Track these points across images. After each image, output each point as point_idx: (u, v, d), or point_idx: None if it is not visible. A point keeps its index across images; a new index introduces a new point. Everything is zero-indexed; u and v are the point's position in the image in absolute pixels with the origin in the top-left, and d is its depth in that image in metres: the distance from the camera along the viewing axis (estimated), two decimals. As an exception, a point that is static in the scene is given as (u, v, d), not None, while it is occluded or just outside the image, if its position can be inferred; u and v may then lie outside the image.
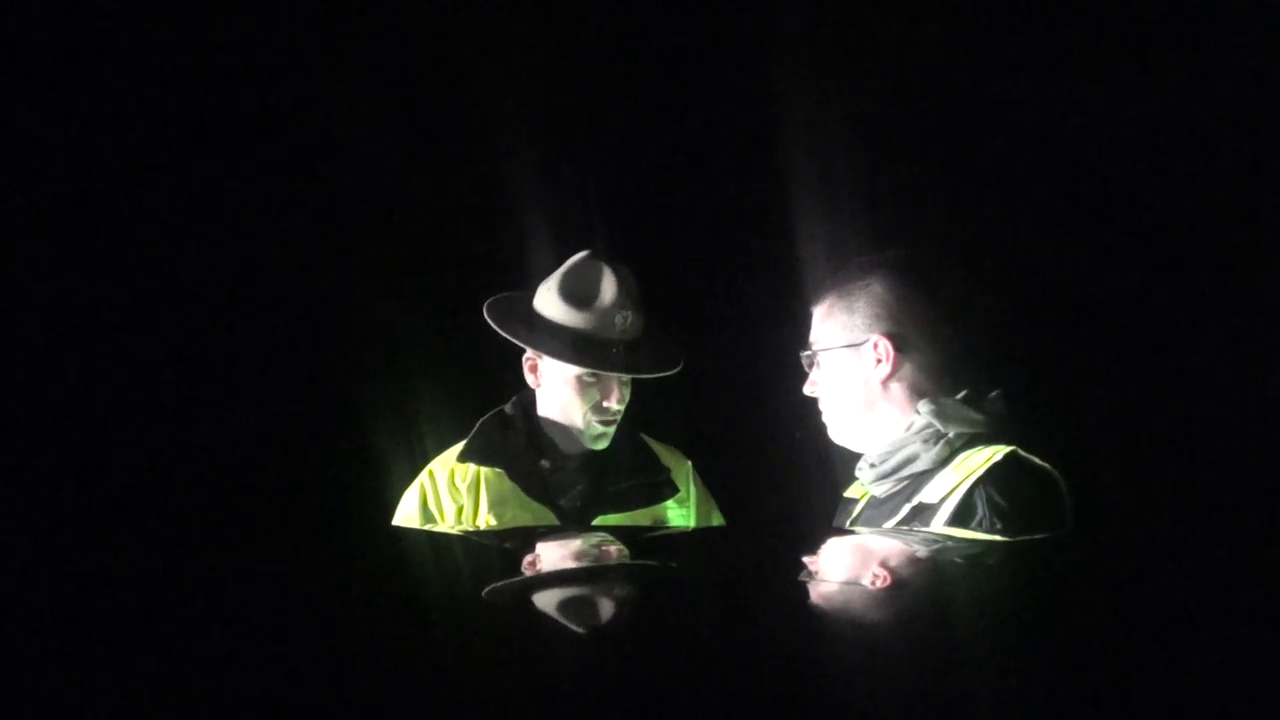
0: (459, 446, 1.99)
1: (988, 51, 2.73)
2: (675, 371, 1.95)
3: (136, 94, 2.63)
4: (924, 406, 1.49)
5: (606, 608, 0.98)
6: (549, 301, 1.94)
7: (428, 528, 1.91)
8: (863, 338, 1.52)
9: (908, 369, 1.51)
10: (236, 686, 0.74)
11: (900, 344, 1.51)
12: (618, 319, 1.89)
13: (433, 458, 2.03)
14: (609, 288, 1.90)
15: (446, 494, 1.95)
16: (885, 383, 1.51)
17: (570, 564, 1.19)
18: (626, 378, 1.93)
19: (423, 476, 1.99)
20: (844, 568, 1.16)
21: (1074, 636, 0.85)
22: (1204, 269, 2.64)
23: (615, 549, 1.29)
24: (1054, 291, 2.66)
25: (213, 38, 2.66)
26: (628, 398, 1.95)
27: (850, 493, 1.66)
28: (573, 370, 1.91)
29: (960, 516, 1.38)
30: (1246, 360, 2.58)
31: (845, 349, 1.53)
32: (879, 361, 1.51)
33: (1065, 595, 0.99)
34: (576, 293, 1.91)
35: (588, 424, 1.93)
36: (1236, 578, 1.05)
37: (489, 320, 1.94)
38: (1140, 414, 2.57)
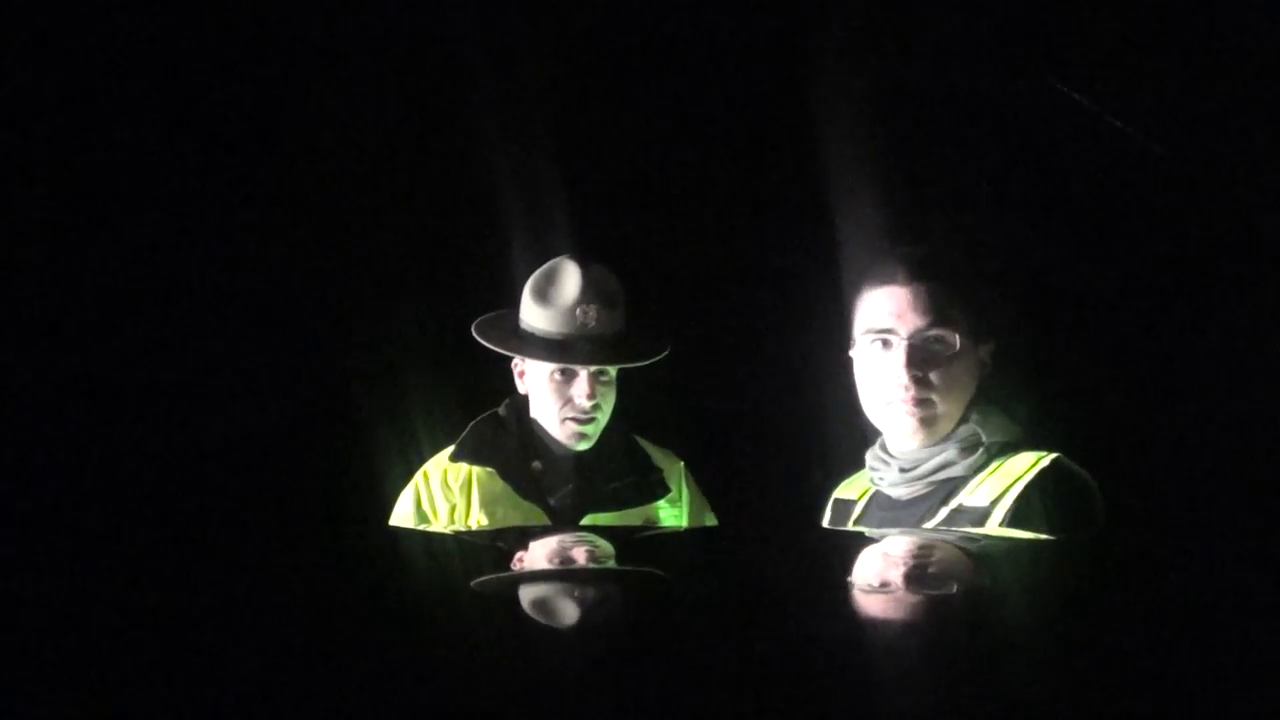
0: (453, 447, 2.00)
1: (995, 49, 2.72)
2: (644, 364, 1.94)
3: (135, 95, 2.64)
4: (971, 414, 1.48)
5: (595, 607, 0.98)
6: (523, 303, 1.97)
7: (421, 528, 1.92)
8: (983, 336, 1.50)
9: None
10: (230, 685, 0.74)
11: (996, 350, 1.51)
12: (579, 313, 1.90)
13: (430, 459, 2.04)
14: (571, 284, 1.92)
15: (440, 494, 1.96)
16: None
17: (556, 564, 1.19)
18: (606, 377, 1.94)
19: (417, 477, 2.00)
20: (927, 572, 1.14)
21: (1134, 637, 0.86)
22: (1211, 270, 2.62)
23: (600, 549, 1.29)
24: (1060, 296, 2.64)
25: (212, 40, 2.67)
26: (607, 397, 1.95)
27: (844, 493, 1.65)
28: (545, 369, 1.92)
29: (1018, 519, 1.38)
30: (1252, 361, 2.57)
31: (969, 341, 1.49)
32: (983, 365, 1.50)
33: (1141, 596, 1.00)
34: (542, 291, 1.94)
35: (563, 423, 1.94)
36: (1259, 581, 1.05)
37: (473, 332, 1.98)
38: (1153, 418, 2.55)
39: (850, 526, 1.59)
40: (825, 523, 1.66)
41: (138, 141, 2.63)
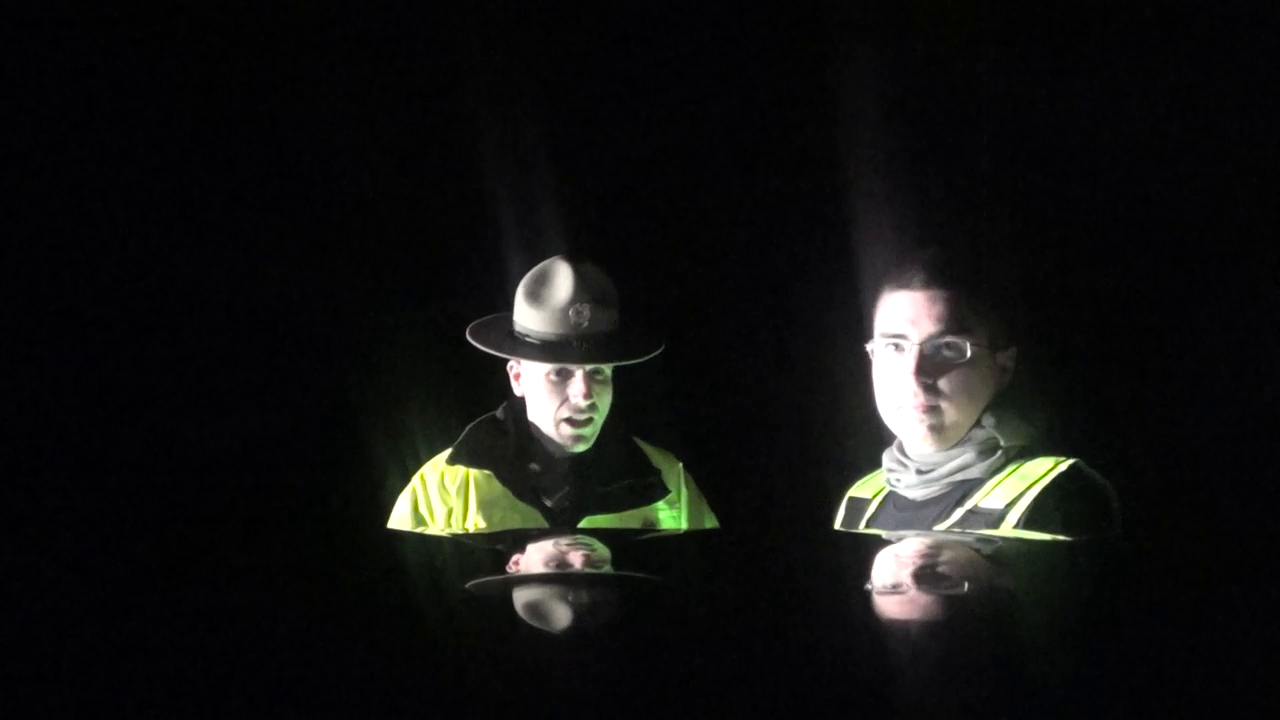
0: (450, 450, 1.99)
1: (1014, 48, 2.71)
2: (638, 362, 1.94)
3: (136, 98, 2.64)
4: (987, 419, 1.47)
5: (591, 611, 0.97)
6: (516, 305, 1.96)
7: (419, 530, 1.92)
8: (1002, 343, 1.49)
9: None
10: (228, 687, 0.73)
11: (1019, 355, 1.49)
12: (572, 313, 1.90)
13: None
14: (563, 284, 1.92)
15: (437, 497, 1.96)
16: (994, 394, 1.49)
17: (552, 567, 1.18)
18: (602, 376, 1.94)
19: (415, 480, 2.00)
20: (950, 576, 1.13)
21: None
22: (1232, 273, 2.61)
23: (596, 552, 1.28)
24: (1079, 299, 2.64)
25: (211, 43, 2.67)
26: (604, 396, 1.94)
27: (859, 492, 1.64)
28: (541, 370, 1.92)
29: (1033, 522, 1.38)
30: (1261, 362, 2.56)
31: (985, 349, 1.47)
32: (1004, 370, 1.49)
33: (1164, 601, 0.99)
34: (535, 292, 1.94)
35: (559, 424, 1.93)
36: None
37: (468, 335, 1.98)
38: (1171, 423, 2.54)
39: (864, 525, 1.59)
40: (838, 521, 1.66)
41: (138, 147, 2.63)
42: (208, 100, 2.67)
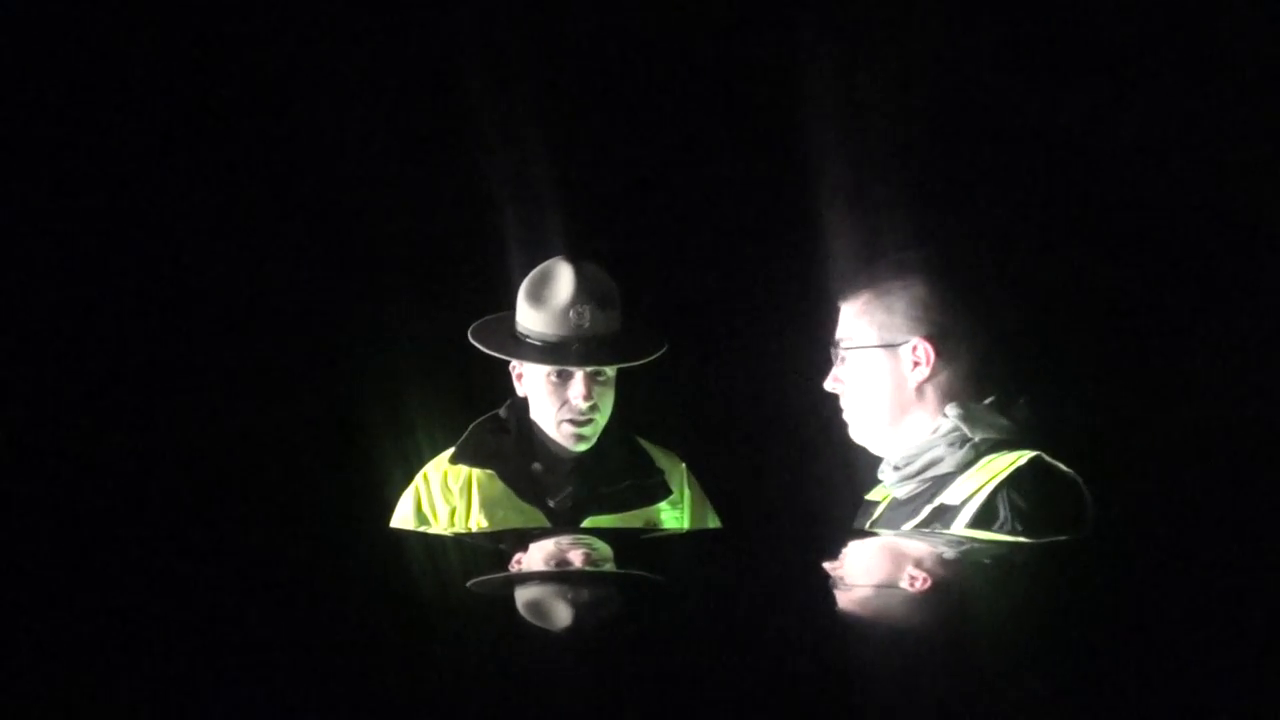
0: (453, 449, 2.00)
1: (995, 50, 2.71)
2: (639, 363, 1.94)
3: (138, 99, 2.65)
4: (952, 410, 1.48)
5: (591, 610, 0.97)
6: (518, 306, 1.96)
7: (421, 529, 1.92)
8: (901, 339, 1.50)
9: (942, 373, 1.49)
10: (230, 686, 0.74)
11: (939, 347, 1.49)
12: (572, 314, 1.90)
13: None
14: (564, 285, 1.91)
15: (440, 496, 1.96)
16: (919, 386, 1.50)
17: (553, 566, 1.18)
18: (604, 378, 1.93)
19: (417, 479, 2.00)
20: (863, 569, 1.14)
21: (1093, 639, 0.84)
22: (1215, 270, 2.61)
23: (598, 551, 1.28)
24: (1071, 295, 2.63)
25: (213, 45, 2.68)
26: (605, 397, 1.94)
27: (872, 495, 1.65)
28: (542, 371, 1.92)
29: (982, 519, 1.37)
30: (1263, 363, 2.56)
31: (881, 349, 1.51)
32: (916, 365, 1.49)
33: (1087, 598, 0.98)
34: (536, 293, 1.94)
35: (560, 424, 1.93)
36: (1257, 581, 1.03)
37: (469, 336, 1.98)
38: (1161, 419, 2.54)
39: (868, 527, 1.59)
40: (856, 524, 1.66)
41: (139, 146, 2.64)
42: (209, 100, 2.68)
